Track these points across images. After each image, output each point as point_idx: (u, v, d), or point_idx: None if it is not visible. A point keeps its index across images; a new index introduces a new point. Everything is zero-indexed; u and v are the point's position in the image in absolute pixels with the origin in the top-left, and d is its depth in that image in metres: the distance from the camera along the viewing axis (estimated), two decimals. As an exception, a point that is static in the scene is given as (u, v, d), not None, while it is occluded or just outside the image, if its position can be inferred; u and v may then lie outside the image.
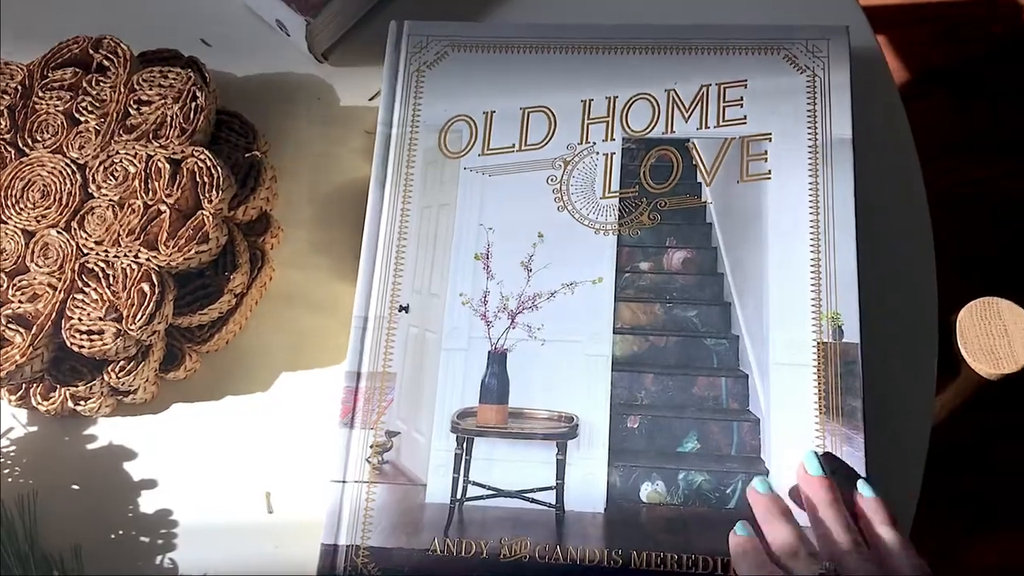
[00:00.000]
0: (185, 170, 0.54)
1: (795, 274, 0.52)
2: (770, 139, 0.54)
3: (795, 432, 0.49)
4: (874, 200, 0.54)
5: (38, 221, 0.54)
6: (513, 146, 0.56)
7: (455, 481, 0.51)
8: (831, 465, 0.46)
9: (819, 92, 0.55)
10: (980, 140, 1.13)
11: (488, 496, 0.50)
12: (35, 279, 0.52)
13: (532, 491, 0.51)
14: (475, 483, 0.51)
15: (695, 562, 0.48)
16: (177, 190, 0.54)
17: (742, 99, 0.55)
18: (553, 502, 0.50)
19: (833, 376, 0.50)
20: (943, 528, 1.01)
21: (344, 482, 0.51)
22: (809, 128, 0.54)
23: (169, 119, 0.55)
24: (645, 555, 0.48)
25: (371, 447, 0.52)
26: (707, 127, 0.55)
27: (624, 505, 0.49)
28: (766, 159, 0.54)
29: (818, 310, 0.51)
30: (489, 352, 0.53)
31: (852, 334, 0.50)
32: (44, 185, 0.55)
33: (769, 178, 0.54)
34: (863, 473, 0.48)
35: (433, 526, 0.50)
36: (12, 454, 0.55)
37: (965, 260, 1.07)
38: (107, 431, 0.52)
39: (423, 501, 0.51)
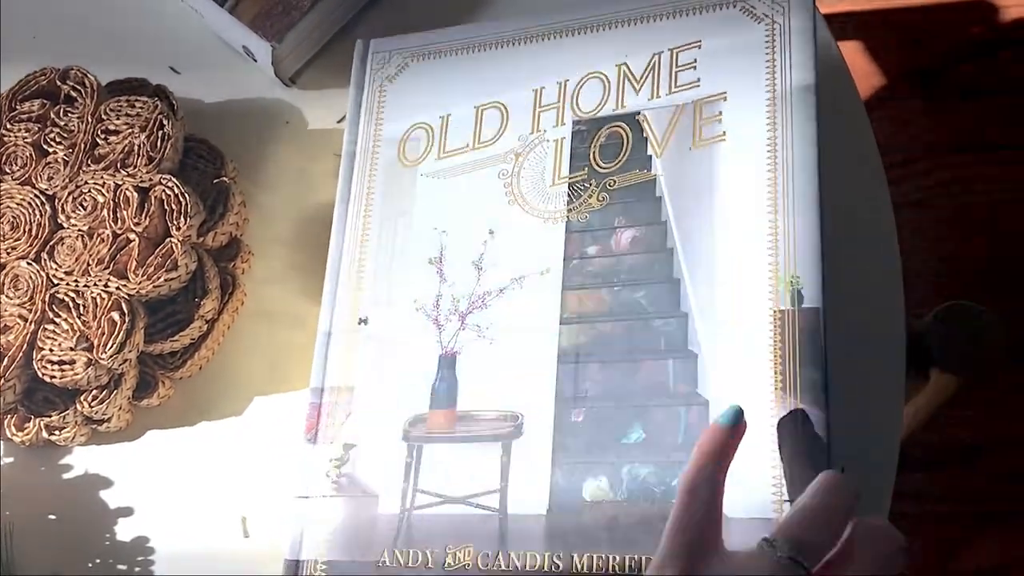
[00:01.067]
0: (153, 198, 0.60)
1: (750, 239, 0.49)
2: (725, 98, 0.53)
3: (749, 414, 0.46)
4: (834, 154, 0.50)
5: (8, 253, 0.57)
6: (467, 146, 0.58)
7: (404, 491, 0.52)
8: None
9: (778, 40, 0.53)
10: (956, 141, 1.11)
11: (436, 504, 0.51)
12: (6, 311, 0.56)
13: (477, 496, 0.51)
14: (423, 491, 0.52)
15: (638, 563, 0.46)
16: (145, 218, 0.59)
17: (695, 61, 0.54)
18: (496, 506, 0.49)
19: (791, 347, 0.47)
20: (938, 527, 0.92)
21: (307, 497, 0.53)
22: (767, 79, 0.52)
23: (136, 148, 0.61)
24: (587, 557, 0.47)
25: (331, 461, 0.54)
26: (659, 96, 0.54)
27: (567, 505, 0.48)
28: (720, 119, 0.52)
29: (775, 275, 0.48)
30: (440, 356, 0.54)
31: (813, 299, 0.47)
32: (13, 217, 0.60)
33: (724, 139, 0.52)
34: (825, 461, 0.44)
35: (384, 538, 0.52)
36: (-12, 485, 0.61)
37: (934, 260, 1.00)
38: (82, 460, 0.55)
39: (376, 513, 0.52)
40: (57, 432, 0.60)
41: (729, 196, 0.51)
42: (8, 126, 0.64)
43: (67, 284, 0.60)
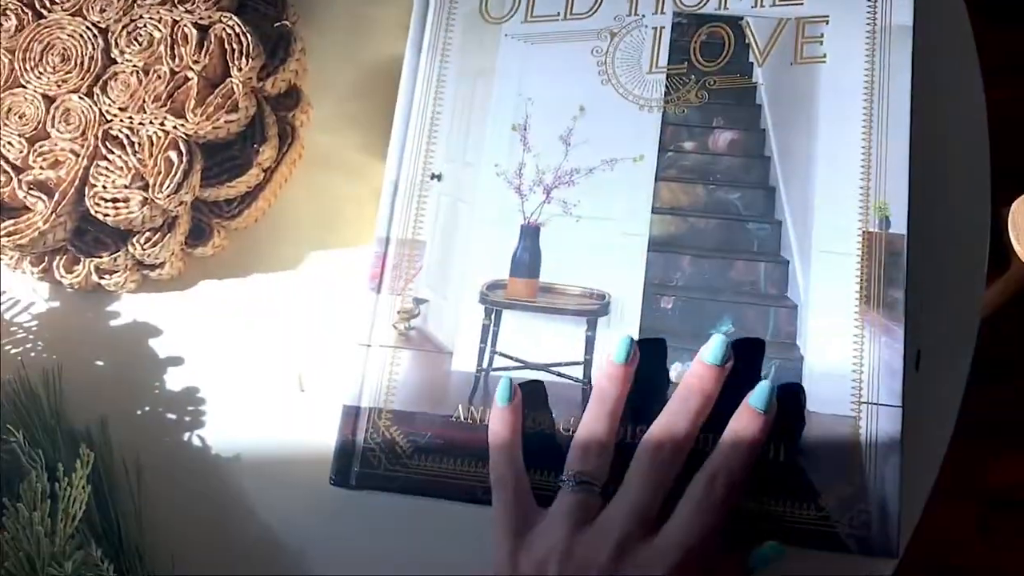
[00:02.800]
0: (213, 36, 0.59)
1: (844, 162, 0.57)
2: (827, 22, 0.59)
3: (833, 320, 0.55)
4: (930, 88, 0.59)
5: (58, 86, 0.59)
6: (558, 14, 0.61)
7: (482, 351, 0.57)
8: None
9: (881, -24, 0.59)
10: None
11: (514, 368, 0.56)
12: (56, 145, 0.57)
13: (559, 365, 0.56)
14: (502, 354, 0.56)
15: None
16: (205, 57, 0.59)
17: (800, -22, 0.60)
18: (580, 377, 0.55)
19: (877, 267, 0.55)
20: (972, 441, 1.07)
21: (370, 346, 0.56)
22: (868, 12, 0.59)
23: None
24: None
25: (398, 313, 0.57)
26: (763, 5, 0.60)
27: (653, 382, 0.55)
28: (821, 42, 0.59)
29: (865, 199, 0.56)
30: (522, 226, 0.58)
31: (899, 226, 0.56)
32: (64, 49, 0.60)
33: (824, 62, 0.59)
34: (900, 366, 0.53)
35: (458, 394, 0.56)
36: (34, 329, 0.62)
37: (1021, 147, 1.13)
38: (131, 307, 0.59)
39: (449, 369, 0.56)
40: (107, 276, 0.60)
41: (826, 117, 0.60)
42: None
43: (121, 120, 0.60)
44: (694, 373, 0.48)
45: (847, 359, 0.57)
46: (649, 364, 0.55)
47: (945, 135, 0.62)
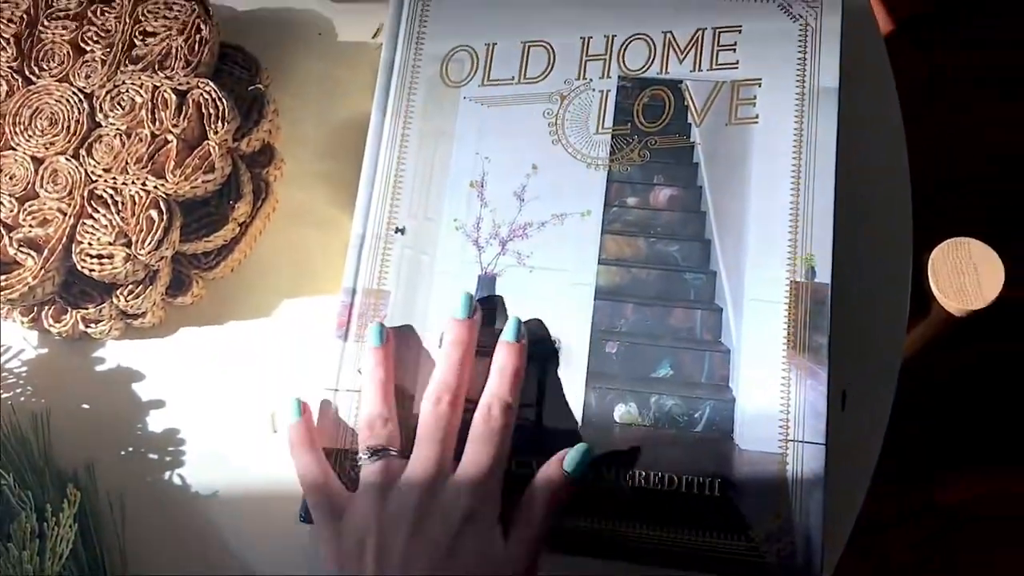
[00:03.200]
0: (191, 101, 0.64)
1: (774, 216, 0.62)
2: (760, 84, 0.64)
3: (763, 364, 0.60)
4: (856, 145, 0.64)
5: (47, 148, 0.63)
6: (513, 78, 0.65)
7: (440, 394, 0.61)
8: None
9: (810, 41, 0.65)
10: (960, 84, 1.25)
11: (472, 408, 0.60)
12: (45, 205, 0.61)
13: (512, 407, 0.60)
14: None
15: (660, 479, 0.58)
16: (183, 120, 0.63)
17: (735, 44, 0.65)
18: (532, 419, 0.60)
19: (803, 314, 0.60)
20: (913, 465, 1.13)
21: (337, 390, 0.61)
22: (798, 75, 0.64)
23: (174, 51, 0.65)
24: (615, 470, 0.58)
25: (363, 359, 0.62)
26: (700, 69, 0.65)
27: (598, 424, 0.59)
28: (754, 104, 0.64)
29: (793, 251, 0.61)
30: (480, 276, 0.63)
31: (824, 276, 0.61)
32: (52, 113, 0.64)
33: (756, 122, 0.63)
34: (824, 406, 0.58)
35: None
36: (24, 374, 0.66)
37: (940, 199, 1.19)
38: (116, 354, 0.62)
39: (411, 412, 0.60)
40: (93, 325, 0.65)
41: (758, 175, 0.65)
42: (45, 23, 0.66)
43: (105, 181, 0.64)
44: (453, 331, 0.57)
45: (775, 400, 0.62)
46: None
47: (869, 189, 0.67)
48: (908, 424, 1.18)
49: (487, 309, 0.60)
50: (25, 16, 0.61)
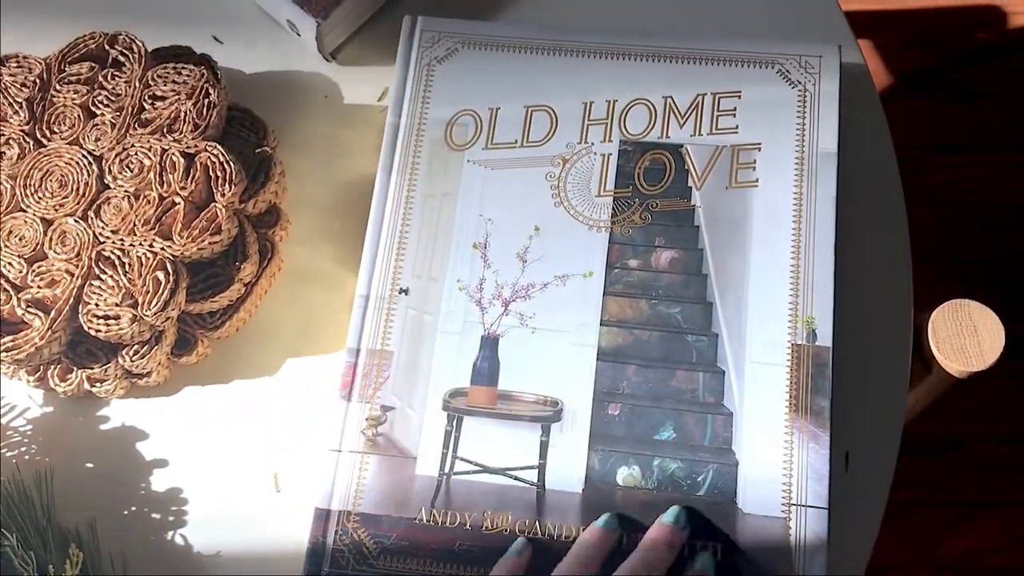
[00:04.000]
0: (199, 164, 0.64)
1: (775, 279, 0.62)
2: (759, 149, 0.64)
3: (765, 427, 0.59)
4: (855, 207, 0.64)
5: (56, 210, 0.61)
6: (516, 142, 0.66)
7: (444, 456, 0.61)
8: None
9: (808, 106, 0.65)
10: (957, 142, 1.27)
11: (474, 472, 0.60)
12: (53, 265, 0.59)
13: (516, 469, 0.60)
14: (462, 459, 0.60)
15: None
16: (191, 183, 0.63)
17: (735, 109, 0.65)
18: (535, 480, 0.59)
19: (805, 377, 0.60)
20: (921, 517, 1.12)
21: (340, 451, 0.60)
22: (797, 140, 0.64)
23: (183, 114, 0.65)
24: (619, 535, 0.58)
25: (367, 420, 0.62)
26: (701, 134, 0.65)
27: (601, 487, 0.59)
28: (754, 168, 0.64)
29: (794, 314, 0.61)
30: (482, 336, 0.62)
31: (825, 338, 0.60)
32: (62, 175, 0.65)
33: (756, 186, 0.63)
34: (827, 470, 0.57)
35: (421, 497, 0.60)
36: (29, 433, 0.66)
37: (941, 258, 1.19)
38: (120, 412, 0.61)
39: (413, 473, 0.60)
40: (98, 384, 0.64)
41: (759, 238, 0.64)
42: (57, 87, 0.67)
43: (113, 242, 0.64)
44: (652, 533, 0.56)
45: (778, 464, 0.61)
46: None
47: (869, 250, 0.67)
48: (911, 480, 1.18)
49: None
50: (38, 81, 0.61)
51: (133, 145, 0.67)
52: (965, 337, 0.65)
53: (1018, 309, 1.21)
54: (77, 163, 0.67)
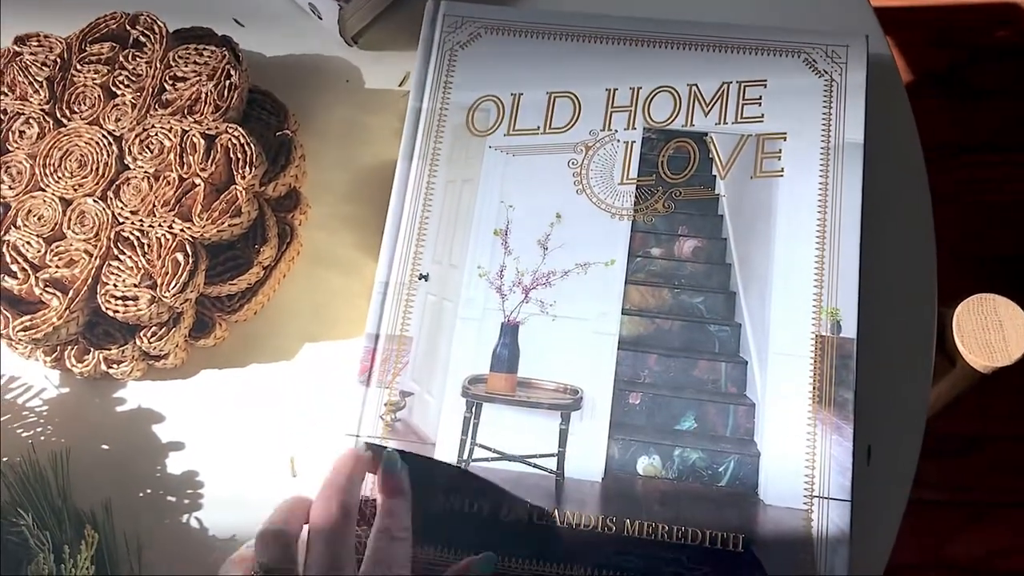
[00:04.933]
0: (219, 146, 0.63)
1: (799, 269, 0.60)
2: (785, 138, 0.63)
3: (788, 418, 0.58)
4: (880, 200, 0.63)
5: (75, 190, 0.63)
6: (538, 128, 0.65)
7: (463, 442, 0.60)
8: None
9: (835, 96, 0.63)
10: (978, 140, 1.25)
11: (493, 459, 0.59)
12: (72, 245, 0.60)
13: (535, 457, 0.59)
14: (481, 445, 0.59)
15: (684, 534, 0.57)
16: (211, 165, 0.62)
17: (760, 98, 0.64)
18: (554, 468, 0.58)
19: (828, 368, 0.59)
20: (934, 517, 1.11)
21: (358, 436, 0.59)
22: (823, 130, 0.63)
23: (204, 96, 0.64)
24: (638, 524, 0.57)
25: (385, 405, 0.60)
26: (725, 123, 0.64)
27: (621, 476, 0.58)
28: (779, 157, 0.62)
29: (819, 305, 0.60)
30: (502, 323, 0.61)
31: (849, 330, 0.59)
32: (81, 155, 0.64)
33: (781, 176, 0.62)
34: (850, 462, 0.56)
35: (439, 483, 0.58)
36: (45, 413, 0.64)
37: (964, 256, 1.18)
38: (137, 394, 0.61)
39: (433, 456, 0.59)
40: (115, 365, 0.63)
41: (783, 227, 0.63)
42: (78, 67, 0.66)
43: (132, 223, 0.63)
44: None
45: (800, 455, 0.60)
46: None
47: (894, 243, 0.65)
48: (931, 476, 1.17)
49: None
50: (59, 60, 0.60)
51: (153, 126, 0.66)
52: (990, 331, 0.64)
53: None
54: (97, 143, 0.66)
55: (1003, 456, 1.26)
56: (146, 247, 0.63)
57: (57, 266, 0.64)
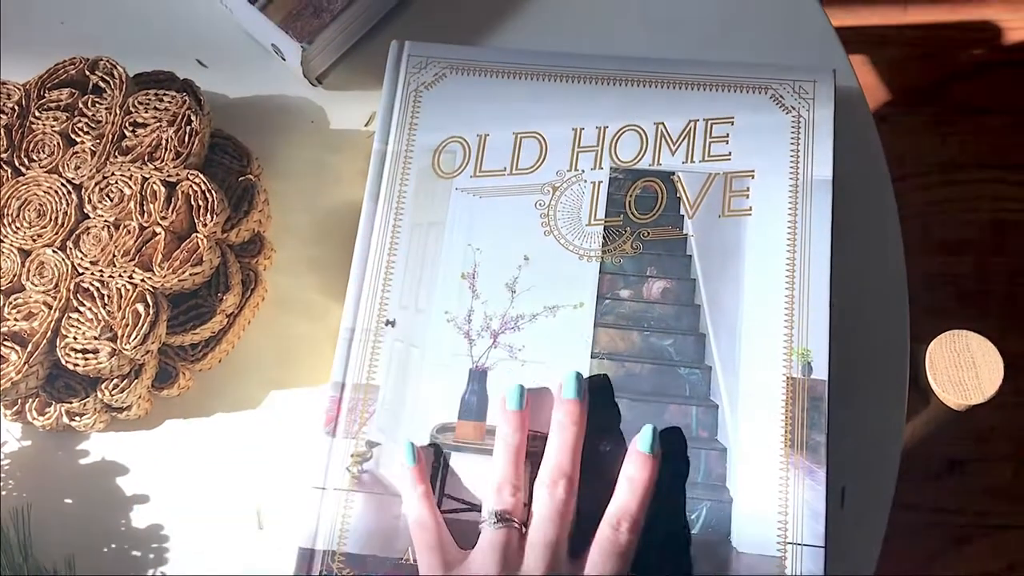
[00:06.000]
0: (180, 193, 0.62)
1: (769, 310, 0.59)
2: (753, 176, 0.62)
3: (760, 463, 0.57)
4: (850, 236, 0.62)
5: (34, 240, 0.61)
6: (504, 169, 0.64)
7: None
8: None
9: (803, 132, 0.63)
10: (957, 159, 1.25)
11: (463, 510, 0.58)
12: (31, 297, 0.58)
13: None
14: (450, 496, 0.58)
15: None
16: (172, 213, 0.61)
17: (728, 135, 0.63)
18: (525, 520, 0.57)
19: (800, 411, 0.58)
20: (918, 539, 1.11)
21: (324, 489, 0.58)
22: (791, 167, 0.62)
23: (164, 142, 0.63)
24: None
25: (351, 456, 0.59)
26: (693, 161, 0.63)
27: (592, 527, 0.56)
28: (748, 195, 0.62)
29: (789, 346, 0.59)
30: (471, 370, 0.60)
31: (821, 371, 0.58)
32: (40, 204, 0.62)
33: (750, 214, 0.61)
34: (823, 507, 0.55)
35: (407, 536, 0.57)
36: (6, 467, 0.64)
37: (937, 279, 1.18)
38: (100, 446, 0.59)
39: (399, 511, 0.58)
40: (77, 418, 0.62)
41: (752, 267, 0.62)
42: (36, 114, 0.65)
43: (92, 274, 0.62)
44: (566, 411, 0.56)
45: (773, 501, 0.59)
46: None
47: (865, 282, 0.64)
48: (909, 505, 1.16)
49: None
50: (17, 107, 0.59)
51: (113, 174, 0.65)
52: (963, 369, 0.63)
53: (1021, 329, 1.19)
54: (56, 192, 0.65)
55: (986, 477, 1.25)
56: (106, 298, 0.62)
57: (16, 319, 0.62)
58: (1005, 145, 1.34)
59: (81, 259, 0.63)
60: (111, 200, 0.64)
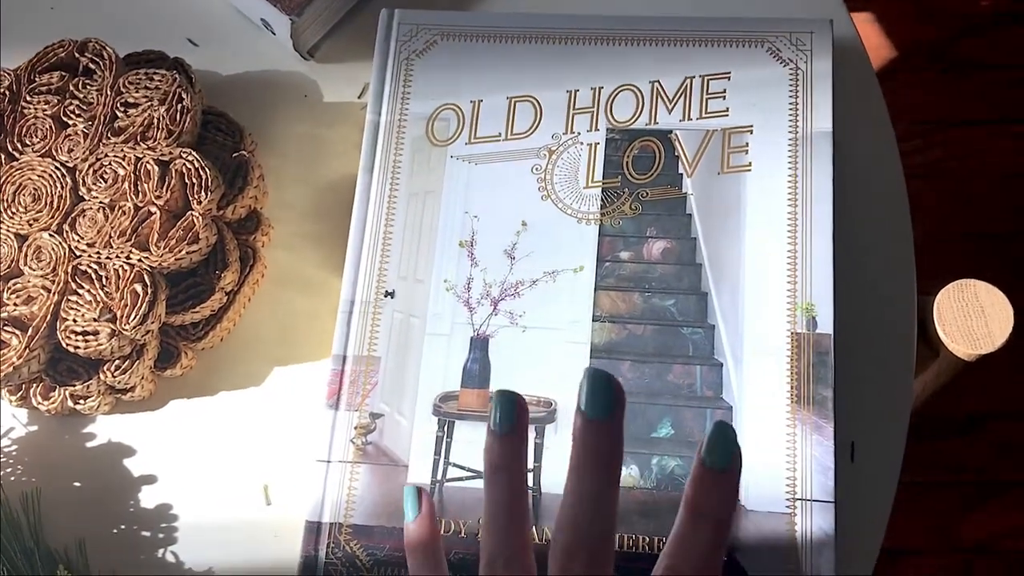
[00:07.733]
0: (174, 172, 0.61)
1: (771, 265, 0.59)
2: (751, 131, 0.61)
3: (767, 420, 0.56)
4: (852, 189, 0.61)
5: (30, 224, 0.60)
6: (499, 135, 0.63)
7: (436, 463, 0.58)
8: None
9: (801, 85, 0.62)
10: (962, 115, 1.23)
11: (468, 478, 0.57)
12: (29, 282, 0.58)
13: (510, 472, 0.57)
14: (455, 465, 0.58)
15: (664, 543, 0.55)
16: (166, 192, 0.61)
17: (725, 91, 0.62)
18: (531, 484, 0.57)
19: (805, 366, 0.57)
20: (938, 499, 1.10)
21: (329, 462, 0.58)
22: (790, 121, 0.61)
23: (156, 121, 0.63)
24: (617, 537, 0.55)
25: (355, 428, 0.59)
26: (690, 119, 0.62)
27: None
28: (747, 151, 0.61)
29: (793, 301, 0.58)
30: (472, 338, 0.60)
31: (826, 325, 0.57)
32: (35, 189, 0.62)
33: (749, 170, 0.61)
34: (831, 462, 0.54)
35: (413, 505, 0.57)
36: (14, 453, 0.64)
37: (947, 233, 1.16)
38: (106, 428, 0.59)
39: (404, 481, 0.57)
40: (82, 401, 0.62)
41: (753, 223, 0.61)
42: (28, 98, 0.65)
43: (89, 256, 0.62)
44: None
45: (781, 458, 0.58)
46: None
47: (869, 233, 0.63)
48: (927, 462, 1.15)
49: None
50: (7, 92, 0.59)
51: (107, 155, 0.65)
52: (972, 319, 0.62)
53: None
54: (50, 175, 0.65)
55: (1005, 435, 1.24)
56: (104, 279, 0.62)
57: (15, 304, 0.62)
58: (1012, 99, 1.32)
59: (78, 242, 0.63)
60: (105, 181, 0.64)
